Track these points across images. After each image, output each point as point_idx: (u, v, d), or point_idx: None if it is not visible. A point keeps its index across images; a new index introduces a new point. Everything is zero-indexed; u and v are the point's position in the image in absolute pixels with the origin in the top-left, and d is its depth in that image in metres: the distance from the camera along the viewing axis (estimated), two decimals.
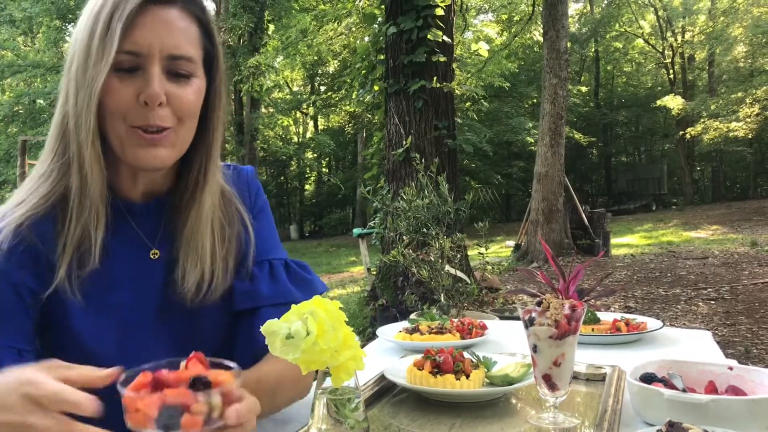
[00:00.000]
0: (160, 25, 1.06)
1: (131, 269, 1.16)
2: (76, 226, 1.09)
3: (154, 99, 1.04)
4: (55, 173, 1.11)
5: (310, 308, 0.85)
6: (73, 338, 1.10)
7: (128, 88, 1.05)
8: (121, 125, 1.07)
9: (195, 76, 1.12)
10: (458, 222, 4.34)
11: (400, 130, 7.42)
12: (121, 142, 1.08)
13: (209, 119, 1.18)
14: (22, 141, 10.83)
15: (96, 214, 1.09)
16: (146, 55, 1.05)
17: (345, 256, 17.39)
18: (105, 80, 1.03)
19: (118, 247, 1.15)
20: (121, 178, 1.16)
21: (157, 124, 1.07)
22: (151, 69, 1.05)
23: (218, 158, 1.22)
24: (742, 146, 26.85)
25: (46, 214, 1.10)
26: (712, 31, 24.84)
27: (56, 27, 21.15)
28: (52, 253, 1.09)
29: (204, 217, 1.18)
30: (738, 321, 6.62)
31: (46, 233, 1.09)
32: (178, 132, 1.11)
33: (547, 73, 12.01)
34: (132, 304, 1.14)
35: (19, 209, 1.11)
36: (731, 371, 1.21)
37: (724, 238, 14.29)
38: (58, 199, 1.11)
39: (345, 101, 24.95)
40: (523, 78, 26.54)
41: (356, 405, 0.89)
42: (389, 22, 7.49)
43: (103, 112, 1.07)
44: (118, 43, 1.02)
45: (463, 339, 1.77)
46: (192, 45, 1.11)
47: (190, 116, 1.12)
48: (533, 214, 12.25)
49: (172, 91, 1.08)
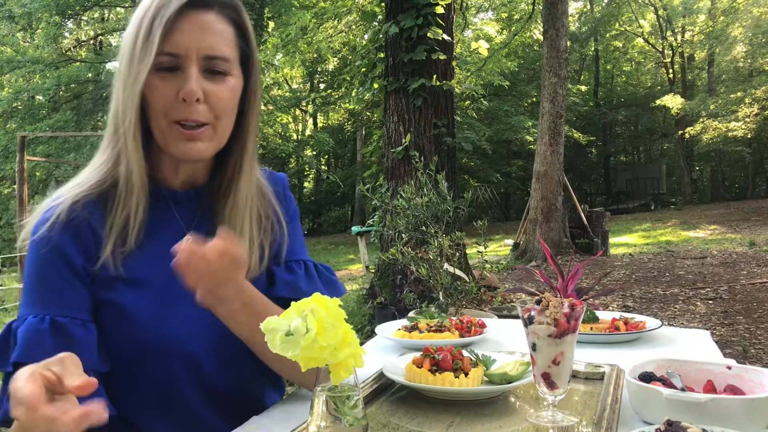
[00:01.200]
0: (197, 28, 1.16)
1: (168, 253, 1.22)
2: (122, 210, 1.20)
3: (191, 96, 1.15)
4: (110, 163, 1.23)
5: (310, 305, 0.85)
6: (116, 310, 1.20)
7: (169, 87, 1.16)
8: (162, 120, 1.18)
9: (230, 74, 1.21)
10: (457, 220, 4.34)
11: (400, 128, 7.42)
12: (163, 137, 1.19)
13: (245, 115, 1.29)
14: (20, 137, 10.81)
15: (137, 200, 1.20)
16: (184, 56, 1.15)
17: (344, 254, 17.40)
18: (147, 79, 1.14)
19: (159, 229, 1.26)
20: (164, 168, 1.28)
21: (195, 119, 1.17)
22: (189, 69, 1.15)
23: (254, 152, 1.33)
24: (740, 146, 26.85)
25: (99, 196, 1.22)
26: (712, 31, 24.86)
27: (55, 23, 21.07)
28: (100, 232, 1.20)
29: (241, 203, 1.29)
30: (736, 321, 6.63)
31: (96, 213, 1.21)
32: (215, 127, 1.21)
33: (547, 72, 12.01)
34: (168, 282, 1.21)
35: (75, 189, 1.23)
36: (730, 370, 1.21)
37: (723, 238, 14.30)
38: (110, 186, 1.22)
39: (344, 99, 24.98)
40: (522, 76, 26.55)
41: (355, 402, 0.89)
42: (389, 19, 7.48)
43: (147, 108, 1.18)
44: (158, 46, 1.13)
45: (462, 337, 1.77)
46: (227, 46, 1.21)
47: (226, 112, 1.22)
48: (532, 213, 12.26)
49: (209, 89, 1.18)
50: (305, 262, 1.42)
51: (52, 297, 1.15)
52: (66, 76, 20.73)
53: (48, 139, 19.17)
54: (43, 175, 20.99)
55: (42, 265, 1.18)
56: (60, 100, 22.62)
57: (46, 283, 1.17)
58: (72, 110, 21.45)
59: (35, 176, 20.45)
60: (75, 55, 22.99)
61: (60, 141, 19.67)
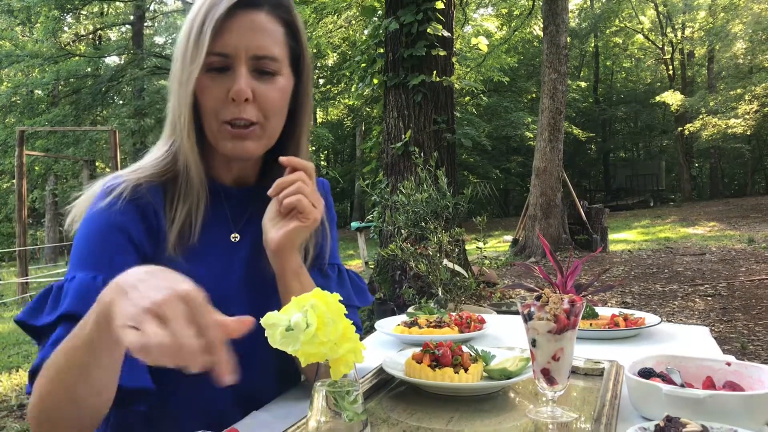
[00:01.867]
0: (247, 28, 1.17)
1: (217, 246, 1.28)
2: (183, 204, 1.23)
3: (240, 95, 1.16)
4: (171, 157, 1.25)
5: (310, 301, 0.85)
6: None
7: (219, 87, 1.17)
8: (213, 121, 1.20)
9: (280, 74, 1.22)
10: (456, 216, 4.34)
11: (399, 123, 7.42)
12: (214, 136, 1.21)
13: (297, 114, 1.31)
14: (19, 131, 10.81)
15: (197, 197, 1.23)
16: (234, 56, 1.17)
17: (343, 249, 17.40)
18: (198, 79, 1.16)
19: (211, 224, 1.28)
20: (217, 165, 1.30)
21: (243, 117, 1.18)
22: (238, 69, 1.17)
23: (306, 151, 1.34)
24: (740, 143, 26.88)
25: (161, 185, 1.24)
26: (712, 28, 24.84)
27: (54, 17, 21.04)
28: (162, 220, 1.22)
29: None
30: (735, 317, 6.64)
31: (159, 199, 1.23)
32: (264, 127, 1.22)
33: (547, 68, 12.00)
34: (216, 278, 1.24)
35: (136, 173, 1.24)
36: (729, 367, 1.21)
37: (722, 235, 14.32)
38: (171, 178, 1.25)
39: (344, 94, 24.91)
40: (522, 73, 26.54)
41: (355, 398, 0.89)
42: (389, 15, 7.47)
43: (199, 108, 1.20)
44: (209, 46, 1.14)
45: (461, 333, 1.77)
46: (277, 45, 1.21)
47: (275, 112, 1.23)
48: (531, 209, 12.26)
49: (258, 89, 1.18)
50: (339, 266, 1.45)
51: (104, 261, 1.13)
52: (65, 70, 20.70)
53: (47, 133, 19.15)
54: (42, 170, 21.01)
55: (100, 231, 1.17)
56: (59, 95, 22.57)
57: (101, 248, 1.16)
58: (71, 105, 21.41)
59: (34, 171, 20.47)
60: (74, 49, 22.94)
61: (59, 135, 19.65)
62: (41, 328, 1.08)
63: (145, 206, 1.21)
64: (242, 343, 1.18)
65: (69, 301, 1.07)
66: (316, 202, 1.21)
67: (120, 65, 23.26)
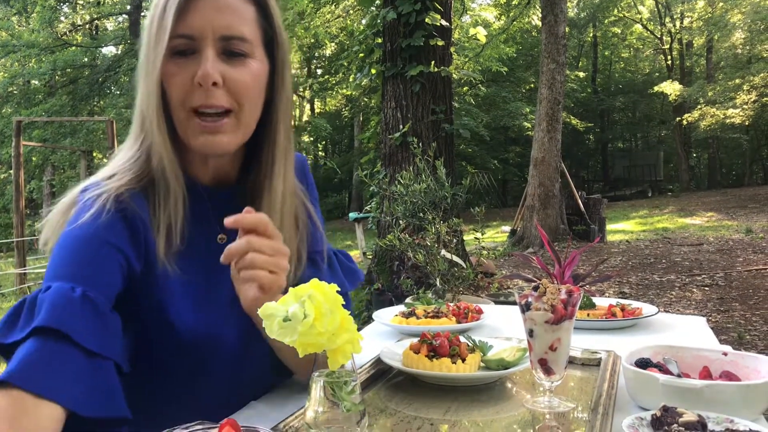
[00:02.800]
0: (213, 8, 1.07)
1: (203, 250, 1.19)
2: (164, 208, 1.12)
3: (207, 79, 1.05)
4: (143, 157, 1.15)
5: (308, 291, 0.85)
6: (156, 310, 1.13)
7: (185, 72, 1.07)
8: (181, 111, 1.09)
9: (252, 57, 1.12)
10: (455, 207, 4.34)
11: (397, 114, 7.40)
12: (183, 129, 1.11)
13: (273, 103, 1.19)
14: (16, 122, 10.77)
15: (175, 197, 1.13)
16: (199, 37, 1.07)
17: (341, 240, 17.39)
18: (163, 65, 1.06)
19: (194, 227, 1.18)
20: (193, 162, 1.20)
21: (213, 104, 1.08)
22: (204, 50, 1.07)
23: (288, 144, 1.22)
24: (738, 133, 26.86)
25: (141, 191, 1.14)
26: (711, 17, 24.75)
27: (51, 6, 20.94)
28: (149, 230, 1.12)
29: (277, 206, 1.19)
30: (732, 307, 6.66)
31: (143, 208, 1.12)
32: (238, 116, 1.12)
33: (545, 58, 11.97)
34: (206, 285, 1.18)
35: (114, 182, 1.13)
36: (726, 357, 1.21)
37: (719, 225, 14.33)
38: (148, 182, 1.14)
39: (342, 85, 24.84)
40: (520, 63, 26.47)
41: (353, 388, 0.89)
42: (387, 5, 7.44)
43: (167, 98, 1.10)
44: (172, 28, 1.05)
45: (459, 323, 1.77)
46: (247, 25, 1.11)
47: (248, 99, 1.12)
48: (529, 200, 12.26)
49: (228, 72, 1.08)
50: (328, 252, 1.36)
51: (85, 274, 1.00)
52: (62, 60, 20.61)
53: (44, 123, 19.08)
54: (39, 160, 20.94)
55: (83, 244, 1.04)
56: (56, 85, 22.49)
57: (82, 260, 1.03)
58: (68, 95, 21.34)
59: (31, 161, 20.40)
60: (71, 39, 22.84)
61: (56, 126, 19.57)
62: (9, 346, 0.92)
63: (132, 218, 1.10)
64: (236, 339, 1.17)
65: (43, 314, 0.92)
66: (276, 266, 1.05)
67: (117, 55, 23.13)
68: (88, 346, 0.92)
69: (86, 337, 0.92)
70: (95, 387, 0.91)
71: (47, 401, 0.85)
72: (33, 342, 0.90)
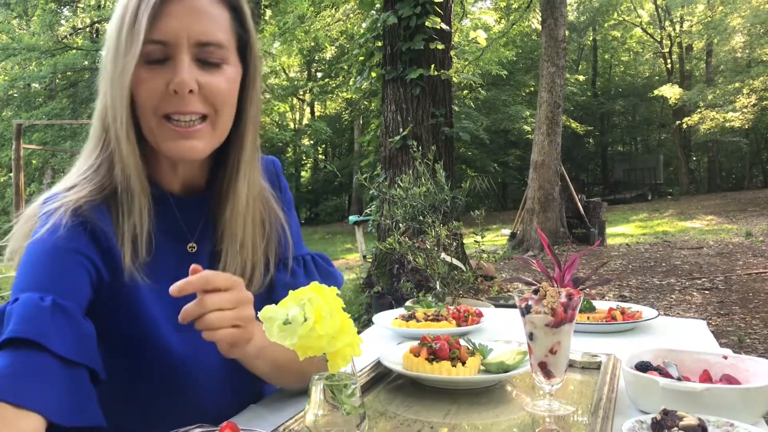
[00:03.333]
0: (188, 13, 1.05)
1: (174, 259, 1.17)
2: (128, 218, 1.10)
3: (183, 87, 1.03)
4: (105, 166, 1.12)
5: (308, 294, 0.85)
6: (132, 321, 1.11)
7: (158, 79, 1.04)
8: (152, 117, 1.06)
9: (227, 63, 1.10)
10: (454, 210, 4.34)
11: (397, 117, 7.41)
12: (153, 135, 1.08)
13: (243, 108, 1.17)
14: (17, 125, 10.77)
15: (140, 207, 1.10)
16: (174, 43, 1.04)
17: (341, 243, 17.39)
18: (134, 72, 1.02)
19: (163, 237, 1.16)
20: (161, 169, 1.17)
21: (188, 110, 1.05)
22: (179, 57, 1.04)
23: (254, 149, 1.20)
24: (738, 137, 26.87)
25: (103, 203, 1.11)
26: (711, 21, 24.79)
27: (51, 10, 20.95)
28: (112, 241, 1.09)
29: (241, 210, 1.18)
30: (732, 311, 6.66)
31: (104, 220, 1.10)
32: (213, 122, 1.10)
33: (545, 62, 11.98)
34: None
35: (73, 194, 1.10)
36: (726, 360, 1.21)
37: (719, 228, 14.33)
38: (110, 192, 1.11)
39: (342, 88, 24.89)
40: (520, 66, 26.48)
41: (353, 391, 0.89)
42: (387, 8, 7.45)
43: (135, 105, 1.06)
44: (145, 33, 1.01)
45: (459, 326, 1.77)
46: (222, 31, 1.09)
47: (224, 105, 1.10)
48: (529, 203, 12.26)
49: (203, 80, 1.06)
50: (303, 258, 1.33)
51: (53, 282, 0.99)
52: (62, 63, 20.61)
53: (44, 126, 19.09)
54: (39, 163, 20.94)
55: (46, 254, 1.03)
56: (56, 88, 22.50)
57: (48, 269, 1.01)
58: (68, 98, 21.36)
59: (31, 164, 20.41)
60: (71, 42, 22.84)
61: (56, 129, 19.58)
62: None
63: (93, 230, 1.07)
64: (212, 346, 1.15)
65: (12, 326, 0.91)
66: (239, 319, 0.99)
67: None
68: (62, 354, 0.91)
69: (59, 345, 0.91)
70: (71, 395, 0.90)
71: (27, 411, 0.84)
72: (6, 354, 0.89)
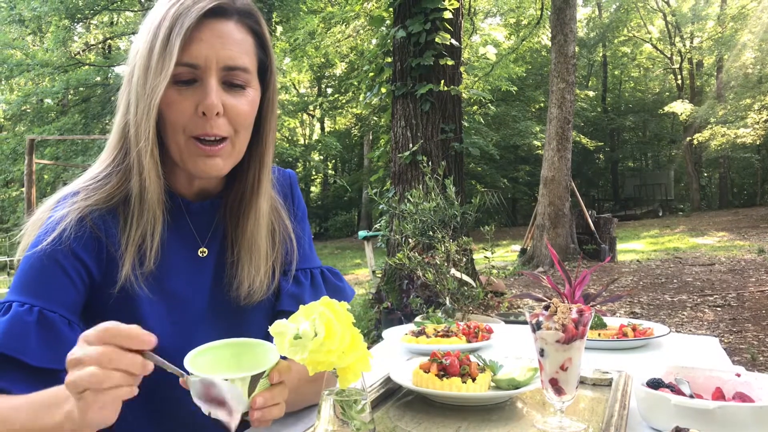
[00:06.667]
0: (217, 38, 1.11)
1: (183, 264, 1.22)
2: (137, 228, 1.14)
3: (211, 109, 1.09)
4: (117, 177, 1.17)
5: (319, 309, 0.85)
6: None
7: (187, 100, 1.10)
8: (180, 136, 1.13)
9: (250, 86, 1.17)
10: (464, 225, 4.33)
11: (407, 132, 7.42)
12: (180, 153, 1.14)
13: (263, 127, 1.24)
14: (29, 140, 10.88)
15: (153, 218, 1.15)
16: (203, 67, 1.10)
17: (350, 258, 17.40)
18: (164, 92, 1.08)
19: (174, 241, 1.21)
20: (178, 180, 1.23)
21: (215, 133, 1.11)
22: (208, 80, 1.10)
23: (270, 165, 1.28)
24: (749, 153, 26.74)
25: (110, 211, 1.16)
26: (721, 37, 24.79)
27: (65, 26, 21.20)
28: (115, 248, 1.14)
29: (262, 222, 1.25)
30: (744, 328, 6.59)
31: (109, 229, 1.15)
32: (234, 142, 1.16)
33: (555, 78, 12.00)
34: (184, 297, 1.20)
35: (80, 200, 1.16)
36: (739, 378, 1.20)
37: (731, 245, 14.23)
38: (120, 201, 1.17)
39: (352, 103, 24.99)
40: (530, 82, 26.53)
41: (362, 406, 0.89)
42: (397, 25, 7.49)
43: (163, 122, 1.12)
44: (177, 56, 1.07)
45: (469, 342, 1.76)
46: (247, 56, 1.15)
47: (245, 126, 1.17)
48: (539, 219, 12.23)
49: (228, 102, 1.12)
50: (312, 270, 1.37)
51: (44, 289, 1.08)
52: (75, 79, 20.84)
53: (56, 141, 19.27)
54: (51, 178, 21.10)
55: (40, 261, 1.10)
56: (68, 104, 22.73)
57: (41, 275, 1.09)
58: (80, 113, 21.56)
59: (43, 179, 20.56)
60: (84, 58, 23.10)
61: (68, 144, 19.77)
62: None
63: (96, 237, 1.14)
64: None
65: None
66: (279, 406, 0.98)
67: None
68: (38, 365, 0.99)
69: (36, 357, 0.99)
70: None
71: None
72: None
